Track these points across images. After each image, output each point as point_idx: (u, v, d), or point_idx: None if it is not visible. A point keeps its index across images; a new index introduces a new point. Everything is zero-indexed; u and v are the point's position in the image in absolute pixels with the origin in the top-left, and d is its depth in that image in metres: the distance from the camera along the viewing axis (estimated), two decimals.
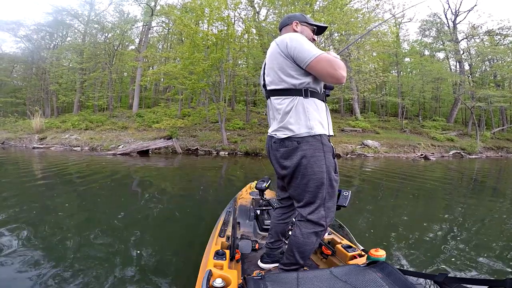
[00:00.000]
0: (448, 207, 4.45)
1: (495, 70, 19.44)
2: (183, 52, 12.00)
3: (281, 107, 1.37)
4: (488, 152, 16.13)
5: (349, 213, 3.67)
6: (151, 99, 25.58)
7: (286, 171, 1.40)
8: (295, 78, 1.34)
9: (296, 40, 1.33)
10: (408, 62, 23.87)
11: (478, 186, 6.74)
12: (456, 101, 20.02)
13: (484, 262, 2.37)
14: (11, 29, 22.29)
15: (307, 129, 1.33)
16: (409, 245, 2.77)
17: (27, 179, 5.68)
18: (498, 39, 20.57)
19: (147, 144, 11.30)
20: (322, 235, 1.42)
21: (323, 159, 1.34)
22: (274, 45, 1.41)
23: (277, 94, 1.40)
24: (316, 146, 1.33)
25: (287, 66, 1.34)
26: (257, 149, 12.15)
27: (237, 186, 5.00)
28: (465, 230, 3.33)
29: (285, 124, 1.35)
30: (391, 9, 28.60)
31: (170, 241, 2.78)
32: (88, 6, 21.72)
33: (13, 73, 24.96)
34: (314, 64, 1.28)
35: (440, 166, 10.53)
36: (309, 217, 1.35)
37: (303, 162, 1.33)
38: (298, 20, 1.53)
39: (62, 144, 14.20)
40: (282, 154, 1.40)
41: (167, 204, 4.20)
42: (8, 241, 2.56)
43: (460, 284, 0.96)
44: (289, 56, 1.33)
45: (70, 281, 1.94)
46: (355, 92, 16.01)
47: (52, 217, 3.33)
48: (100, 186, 5.28)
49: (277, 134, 1.40)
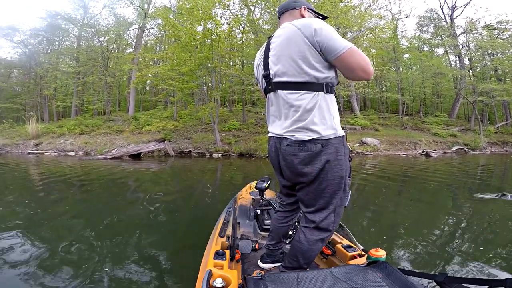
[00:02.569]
0: (448, 207, 4.30)
1: (496, 64, 19.00)
2: (173, 53, 11.79)
3: (300, 103, 1.17)
4: (492, 147, 15.71)
5: (349, 213, 3.66)
6: (149, 102, 25.44)
7: (304, 178, 1.23)
8: (318, 71, 1.16)
9: (327, 28, 1.14)
10: (407, 58, 23.54)
11: (483, 184, 6.39)
12: (458, 96, 19.63)
13: (484, 262, 2.32)
14: (6, 35, 22.32)
15: (332, 130, 1.18)
16: (409, 245, 2.73)
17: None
18: (496, 33, 20.17)
19: (138, 148, 11.07)
20: (327, 240, 1.36)
21: (343, 162, 1.21)
22: (292, 28, 1.17)
23: (293, 88, 1.19)
24: (339, 149, 1.20)
25: (311, 55, 1.14)
26: (251, 150, 11.87)
27: (225, 189, 4.77)
28: (465, 230, 3.25)
29: (307, 124, 1.16)
30: (387, 5, 28.59)
31: (169, 241, 2.77)
32: (81, 10, 21.66)
33: (11, 78, 24.94)
34: (347, 55, 1.11)
35: (442, 163, 10.16)
36: (320, 224, 1.25)
37: (326, 167, 1.18)
38: (305, 6, 1.34)
39: (56, 149, 14.06)
40: (302, 160, 1.20)
41: (164, 206, 4.11)
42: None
43: (460, 284, 0.95)
44: (317, 44, 1.13)
45: (70, 281, 1.93)
46: (353, 89, 15.67)
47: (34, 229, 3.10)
48: (91, 189, 5.08)
49: (296, 136, 1.19)
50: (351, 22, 11.46)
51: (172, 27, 10.49)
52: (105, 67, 19.43)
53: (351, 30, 13.75)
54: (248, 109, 19.72)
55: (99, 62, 19.94)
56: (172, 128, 13.82)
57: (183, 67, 10.39)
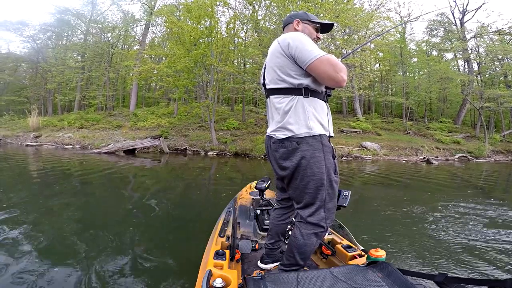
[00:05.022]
0: (447, 210, 4.23)
1: (506, 70, 18.42)
2: (171, 49, 11.74)
3: (280, 106, 1.35)
4: (497, 155, 15.19)
5: (349, 213, 3.69)
6: (152, 99, 25.53)
7: (285, 172, 1.38)
8: (294, 78, 1.31)
9: (298, 40, 1.29)
10: (414, 63, 23.11)
11: (481, 191, 6.14)
12: (464, 101, 19.12)
13: (484, 263, 2.35)
14: (17, 29, 22.68)
15: (306, 129, 1.30)
16: (409, 245, 2.77)
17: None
18: (508, 38, 19.58)
19: (132, 143, 11.02)
20: (322, 236, 1.40)
21: (323, 160, 1.31)
22: (275, 44, 1.38)
23: (276, 93, 1.37)
24: (315, 147, 1.30)
25: (287, 65, 1.31)
26: (247, 150, 11.71)
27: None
28: (465, 231, 3.25)
29: (284, 124, 1.32)
30: (396, 8, 28.16)
31: (169, 241, 2.76)
32: (90, 6, 21.87)
33: (18, 72, 25.32)
34: (315, 65, 1.24)
35: (442, 171, 9.83)
36: (309, 219, 1.33)
37: (302, 163, 1.30)
38: (299, 19, 1.49)
39: (55, 142, 14.17)
40: (281, 155, 1.37)
41: (163, 204, 4.09)
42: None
43: (460, 284, 0.96)
44: (290, 55, 1.30)
45: (69, 280, 1.94)
46: (356, 91, 15.39)
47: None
48: (85, 182, 5.00)
49: (276, 135, 1.37)
50: (352, 21, 11.20)
51: (171, 24, 10.42)
52: (109, 63, 19.55)
53: (357, 30, 13.52)
54: (250, 108, 19.58)
55: (104, 58, 20.09)
56: (167, 125, 13.75)
57: (178, 64, 10.30)
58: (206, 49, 10.46)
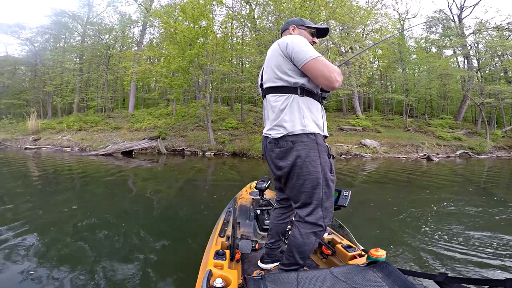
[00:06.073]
0: (446, 209, 4.17)
1: (506, 65, 18.26)
2: (166, 49, 11.67)
3: (276, 104, 1.37)
4: (499, 151, 15.06)
5: (349, 212, 3.68)
6: (151, 100, 25.46)
7: (281, 171, 1.39)
8: (290, 76, 1.34)
9: (296, 41, 1.34)
10: (413, 60, 22.96)
11: (483, 189, 6.06)
12: (465, 98, 18.97)
13: (484, 263, 2.34)
14: (14, 32, 22.63)
15: (301, 126, 1.32)
16: (409, 245, 2.75)
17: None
18: (507, 34, 19.41)
19: (130, 145, 10.97)
20: (321, 235, 1.41)
21: (318, 159, 1.33)
22: (275, 45, 1.43)
23: (273, 92, 1.40)
24: (310, 146, 1.32)
25: (284, 64, 1.35)
26: (245, 149, 11.62)
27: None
28: (466, 230, 3.21)
29: (280, 121, 1.35)
30: (393, 5, 28.00)
31: (169, 241, 2.75)
32: (86, 8, 21.82)
33: (16, 75, 25.29)
34: (310, 65, 1.29)
35: (443, 168, 9.72)
36: (307, 218, 1.33)
37: (298, 162, 1.31)
38: (295, 24, 1.56)
39: (54, 145, 14.13)
40: (277, 155, 1.38)
41: (163, 205, 4.11)
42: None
43: (460, 284, 0.96)
44: (288, 56, 1.34)
45: (69, 279, 1.94)
46: (354, 89, 15.26)
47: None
48: (83, 185, 4.91)
49: (272, 134, 1.39)
50: (349, 18, 11.08)
51: (166, 24, 10.35)
52: (107, 65, 19.51)
53: (353, 27, 13.39)
54: (250, 108, 19.50)
55: (102, 60, 20.05)
56: (164, 126, 13.67)
57: (173, 64, 10.23)
58: (200, 49, 10.38)
